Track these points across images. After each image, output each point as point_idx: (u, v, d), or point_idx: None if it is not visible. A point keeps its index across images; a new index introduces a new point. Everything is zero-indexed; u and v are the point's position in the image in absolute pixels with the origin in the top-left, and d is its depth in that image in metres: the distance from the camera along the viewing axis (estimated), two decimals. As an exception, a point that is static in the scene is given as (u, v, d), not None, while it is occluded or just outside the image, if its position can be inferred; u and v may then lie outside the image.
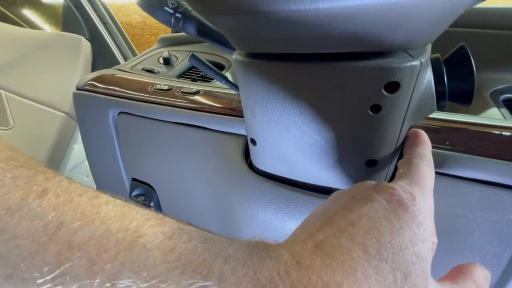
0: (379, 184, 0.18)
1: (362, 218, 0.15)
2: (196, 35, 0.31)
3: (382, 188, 0.18)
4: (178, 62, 0.62)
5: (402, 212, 0.16)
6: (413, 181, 0.18)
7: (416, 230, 0.15)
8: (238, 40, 0.23)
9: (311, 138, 0.27)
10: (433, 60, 0.24)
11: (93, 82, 0.54)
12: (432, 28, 0.19)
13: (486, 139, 0.32)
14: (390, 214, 0.16)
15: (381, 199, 0.17)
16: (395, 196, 0.17)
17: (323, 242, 0.14)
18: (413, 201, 0.17)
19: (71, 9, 1.23)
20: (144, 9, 0.31)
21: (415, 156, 0.21)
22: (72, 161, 1.13)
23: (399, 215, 0.16)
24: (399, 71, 0.21)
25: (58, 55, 1.17)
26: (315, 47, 0.21)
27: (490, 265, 0.31)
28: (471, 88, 0.23)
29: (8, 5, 1.36)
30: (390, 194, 0.17)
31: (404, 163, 0.21)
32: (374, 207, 0.16)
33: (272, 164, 0.34)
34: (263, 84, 0.25)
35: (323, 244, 0.14)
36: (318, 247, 0.14)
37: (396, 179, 0.19)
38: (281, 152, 0.31)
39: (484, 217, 0.30)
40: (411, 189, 0.17)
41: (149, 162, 0.51)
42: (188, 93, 0.47)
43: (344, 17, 0.17)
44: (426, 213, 0.17)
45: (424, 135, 0.24)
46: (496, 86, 0.45)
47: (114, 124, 0.53)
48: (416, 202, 0.17)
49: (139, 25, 2.76)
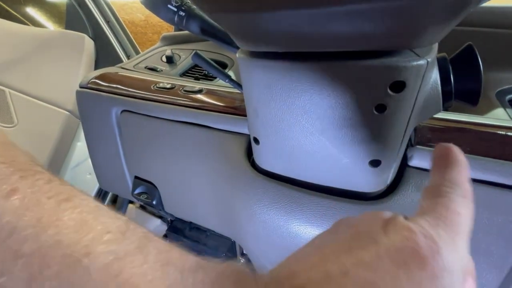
0: (394, 220, 0.14)
1: (359, 267, 0.12)
2: (200, 34, 0.31)
3: (396, 226, 0.13)
4: (181, 60, 0.62)
5: (417, 268, 0.12)
6: (440, 221, 0.14)
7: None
8: (242, 39, 0.23)
9: (314, 137, 0.27)
10: (439, 60, 0.24)
11: (96, 80, 0.54)
12: (439, 27, 0.19)
13: (491, 140, 0.32)
14: (398, 269, 0.12)
15: (390, 244, 0.12)
16: (410, 242, 0.12)
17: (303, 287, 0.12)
18: (437, 253, 0.12)
19: (75, 7, 1.23)
20: (148, 7, 0.31)
21: (446, 183, 0.15)
22: (75, 159, 1.13)
23: (412, 271, 0.12)
24: (405, 70, 0.21)
25: (61, 53, 1.17)
26: (320, 46, 0.20)
27: (494, 267, 0.31)
28: (478, 88, 0.23)
29: (12, 3, 1.37)
30: (404, 238, 0.12)
31: (430, 192, 0.16)
32: (379, 254, 0.12)
33: (275, 163, 0.34)
34: (266, 83, 0.25)
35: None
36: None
37: (417, 215, 0.14)
38: (284, 151, 0.31)
39: (489, 218, 0.30)
40: (436, 234, 0.13)
41: (151, 160, 0.51)
42: (191, 92, 0.47)
43: (350, 15, 0.17)
44: (453, 273, 0.12)
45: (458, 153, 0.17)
46: (502, 86, 0.44)
47: (117, 122, 0.53)
48: (440, 255, 0.12)
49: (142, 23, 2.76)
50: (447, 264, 0.12)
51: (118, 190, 0.61)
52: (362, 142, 0.26)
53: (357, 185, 0.31)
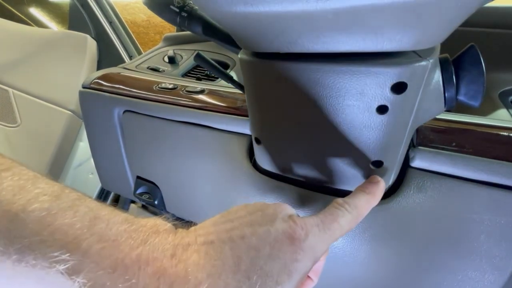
0: (292, 215, 0.19)
1: (253, 236, 0.17)
2: (202, 34, 0.31)
3: (290, 219, 0.19)
4: (183, 61, 0.62)
5: (287, 245, 0.17)
6: (321, 223, 0.19)
7: (289, 264, 0.17)
8: (244, 39, 0.23)
9: (316, 138, 0.27)
10: (441, 60, 0.24)
11: (98, 80, 0.54)
12: (442, 27, 0.19)
13: (494, 141, 0.32)
14: (276, 243, 0.17)
15: (279, 227, 0.18)
16: (291, 229, 0.18)
17: (212, 242, 0.16)
18: (303, 241, 0.18)
19: (77, 7, 1.24)
20: (150, 7, 0.31)
21: (350, 202, 0.21)
22: (77, 158, 1.14)
23: (283, 246, 0.17)
24: (407, 71, 0.21)
25: (64, 53, 1.18)
26: (321, 47, 0.20)
27: (497, 269, 0.31)
28: (481, 89, 0.23)
29: (16, 4, 1.38)
30: (289, 227, 0.18)
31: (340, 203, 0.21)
32: (269, 231, 0.17)
33: (276, 164, 0.34)
34: (268, 84, 0.25)
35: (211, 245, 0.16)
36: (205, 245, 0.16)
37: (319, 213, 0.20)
38: (286, 151, 0.31)
39: (492, 220, 0.30)
40: (311, 229, 0.18)
41: (153, 160, 0.51)
42: (193, 92, 0.47)
43: (353, 16, 0.17)
44: (309, 254, 0.18)
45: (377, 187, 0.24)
46: (505, 87, 0.44)
47: (119, 122, 0.53)
48: (305, 241, 0.18)
49: (144, 23, 2.77)
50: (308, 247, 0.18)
51: (120, 190, 0.61)
52: (363, 143, 0.26)
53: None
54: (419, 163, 0.32)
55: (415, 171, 0.33)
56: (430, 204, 0.32)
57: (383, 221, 0.33)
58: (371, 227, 0.34)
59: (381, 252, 0.34)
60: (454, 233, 0.31)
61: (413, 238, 0.33)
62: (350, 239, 0.35)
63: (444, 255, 0.32)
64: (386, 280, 0.36)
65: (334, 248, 0.37)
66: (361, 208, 0.22)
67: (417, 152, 0.32)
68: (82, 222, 0.14)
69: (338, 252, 0.36)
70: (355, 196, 0.23)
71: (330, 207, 0.21)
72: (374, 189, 0.24)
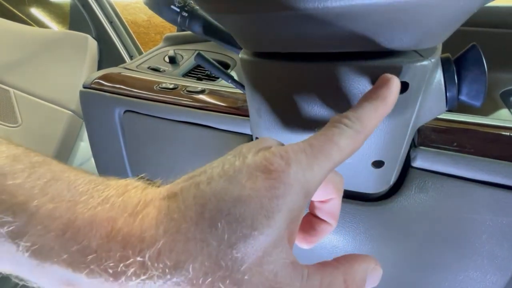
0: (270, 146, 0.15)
1: (221, 178, 0.14)
2: (202, 34, 0.31)
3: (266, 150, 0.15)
4: (183, 61, 0.62)
5: (262, 179, 0.13)
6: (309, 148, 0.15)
7: (266, 204, 0.13)
8: (245, 39, 0.23)
9: (317, 138, 0.27)
10: (443, 60, 0.23)
11: (99, 80, 0.54)
12: (443, 27, 0.19)
13: (495, 141, 0.31)
14: (248, 180, 0.13)
15: (251, 161, 0.14)
16: (266, 161, 0.14)
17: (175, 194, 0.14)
18: (282, 172, 0.13)
19: (78, 8, 1.24)
20: (151, 7, 0.31)
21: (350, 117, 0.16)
22: (78, 158, 1.14)
23: (257, 181, 0.13)
24: (408, 71, 0.20)
25: (65, 53, 1.18)
26: (323, 46, 0.20)
27: (498, 269, 0.31)
28: (483, 89, 0.23)
29: (16, 4, 1.38)
30: (264, 158, 0.14)
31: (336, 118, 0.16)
32: (239, 168, 0.14)
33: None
34: (269, 84, 0.25)
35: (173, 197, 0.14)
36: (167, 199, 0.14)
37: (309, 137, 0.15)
38: (287, 152, 0.31)
39: (493, 220, 0.30)
40: (294, 157, 0.14)
41: (154, 160, 0.51)
42: (194, 92, 0.47)
43: (354, 16, 0.16)
44: (295, 187, 0.14)
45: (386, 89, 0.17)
46: (506, 87, 0.44)
47: (120, 122, 0.53)
48: (287, 172, 0.14)
49: (145, 23, 2.78)
50: (293, 179, 0.14)
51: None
52: (365, 143, 0.26)
53: (360, 186, 0.31)
54: (421, 163, 0.32)
55: (417, 171, 0.33)
56: (432, 204, 0.31)
57: (385, 221, 0.33)
58: (373, 227, 0.34)
59: (383, 252, 0.34)
60: (456, 233, 0.31)
61: (415, 239, 0.33)
62: (351, 239, 0.35)
63: (446, 255, 0.32)
64: (387, 280, 0.36)
65: (335, 248, 0.36)
66: (367, 119, 0.16)
67: (419, 152, 0.32)
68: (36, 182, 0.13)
69: (339, 252, 0.36)
70: (357, 105, 0.17)
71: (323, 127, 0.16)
72: (383, 91, 0.17)
